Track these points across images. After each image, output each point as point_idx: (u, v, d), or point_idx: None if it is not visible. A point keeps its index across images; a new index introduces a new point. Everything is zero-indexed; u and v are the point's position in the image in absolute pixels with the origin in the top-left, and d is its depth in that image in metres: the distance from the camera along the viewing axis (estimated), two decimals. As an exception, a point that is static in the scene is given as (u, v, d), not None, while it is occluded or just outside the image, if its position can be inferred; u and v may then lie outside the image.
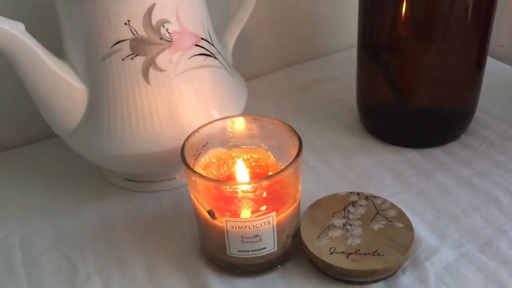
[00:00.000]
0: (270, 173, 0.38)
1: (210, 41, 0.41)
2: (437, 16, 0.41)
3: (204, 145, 0.38)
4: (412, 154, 0.47)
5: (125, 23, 0.36)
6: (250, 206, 0.34)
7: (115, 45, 0.37)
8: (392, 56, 0.45)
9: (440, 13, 0.41)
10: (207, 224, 0.35)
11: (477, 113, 0.49)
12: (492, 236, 0.38)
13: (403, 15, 0.41)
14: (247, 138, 0.39)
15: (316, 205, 0.39)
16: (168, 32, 0.38)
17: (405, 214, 0.38)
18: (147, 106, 0.39)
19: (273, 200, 0.34)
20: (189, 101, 0.40)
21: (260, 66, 0.62)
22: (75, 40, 0.38)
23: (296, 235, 0.37)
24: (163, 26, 0.37)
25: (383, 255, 0.34)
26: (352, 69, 0.51)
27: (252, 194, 0.33)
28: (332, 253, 0.35)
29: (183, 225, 0.41)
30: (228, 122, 0.38)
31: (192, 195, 0.36)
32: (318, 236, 0.36)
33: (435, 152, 0.47)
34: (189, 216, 0.40)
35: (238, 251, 0.35)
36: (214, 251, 0.37)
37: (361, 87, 0.49)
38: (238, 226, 0.34)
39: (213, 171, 0.38)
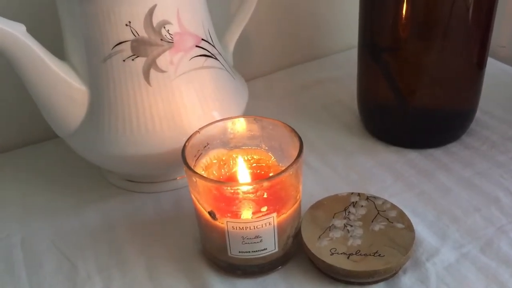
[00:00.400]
0: (271, 174, 0.38)
1: (211, 42, 0.41)
2: (438, 17, 0.41)
3: (205, 146, 0.38)
4: (413, 155, 0.47)
5: (126, 24, 0.36)
6: (251, 207, 0.34)
7: (116, 46, 0.37)
8: (393, 57, 0.45)
9: (441, 13, 0.41)
10: (208, 225, 0.35)
11: (478, 114, 0.49)
12: (493, 236, 0.38)
13: (403, 15, 0.41)
14: (248, 139, 0.39)
15: (317, 205, 0.39)
16: (169, 33, 0.38)
17: (405, 215, 0.38)
18: (148, 107, 0.39)
19: (274, 201, 0.34)
20: (190, 102, 0.40)
21: (261, 66, 0.62)
22: (76, 41, 0.38)
23: (297, 236, 0.37)
24: (164, 27, 0.37)
25: (384, 255, 0.34)
26: (352, 69, 0.51)
27: (253, 195, 0.33)
28: (332, 254, 0.35)
29: (184, 226, 0.41)
30: (229, 123, 0.38)
31: (193, 196, 0.36)
32: (319, 237, 0.36)
33: (436, 153, 0.47)
34: (190, 217, 0.40)
35: (239, 252, 0.35)
36: (215, 252, 0.37)
37: (361, 88, 0.49)
38: (239, 227, 0.34)
39: (214, 172, 0.38)
